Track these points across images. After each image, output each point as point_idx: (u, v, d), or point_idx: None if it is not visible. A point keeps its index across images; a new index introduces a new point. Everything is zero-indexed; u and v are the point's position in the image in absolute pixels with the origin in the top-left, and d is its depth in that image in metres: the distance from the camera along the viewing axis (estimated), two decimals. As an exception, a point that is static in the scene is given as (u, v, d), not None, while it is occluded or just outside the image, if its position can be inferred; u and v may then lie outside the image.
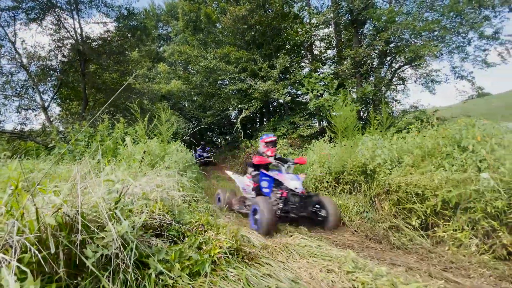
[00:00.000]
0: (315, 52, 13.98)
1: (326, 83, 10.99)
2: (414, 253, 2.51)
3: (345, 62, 11.08)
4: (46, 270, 0.85)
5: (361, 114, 12.28)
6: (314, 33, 13.07)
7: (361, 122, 11.44)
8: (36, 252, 0.79)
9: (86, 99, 10.13)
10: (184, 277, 1.33)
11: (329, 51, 14.47)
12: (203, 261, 1.41)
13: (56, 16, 9.28)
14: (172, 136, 7.61)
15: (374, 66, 12.76)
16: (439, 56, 12.65)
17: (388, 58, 13.39)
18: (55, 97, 10.18)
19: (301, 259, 2.07)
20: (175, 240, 1.80)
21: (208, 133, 23.44)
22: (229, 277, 1.41)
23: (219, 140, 23.69)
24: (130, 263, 1.18)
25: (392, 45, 12.34)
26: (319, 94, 10.46)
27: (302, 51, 13.61)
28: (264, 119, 16.49)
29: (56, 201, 1.04)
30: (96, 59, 9.77)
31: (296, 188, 3.53)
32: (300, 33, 11.88)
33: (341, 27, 13.12)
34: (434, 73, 13.62)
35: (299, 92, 13.33)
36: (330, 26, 13.34)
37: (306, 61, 13.67)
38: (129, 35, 11.12)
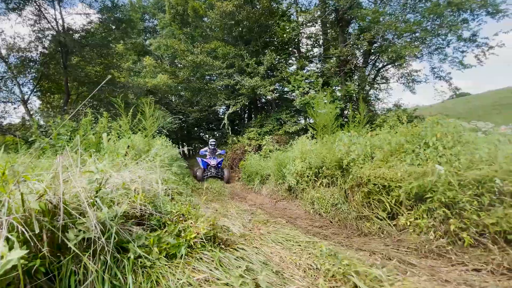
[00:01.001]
0: (302, 50, 14.19)
1: (312, 81, 11.23)
2: (380, 240, 2.73)
3: (331, 61, 11.34)
4: (32, 248, 0.95)
5: (345, 111, 12.63)
6: (301, 31, 13.26)
7: (345, 120, 11.82)
8: (23, 229, 0.89)
9: (68, 93, 9.87)
10: (162, 259, 1.45)
11: (315, 49, 14.72)
12: (179, 244, 1.54)
13: (37, 6, 8.95)
14: (157, 131, 7.61)
15: (358, 65, 13.13)
16: (420, 57, 13.18)
17: (372, 57, 13.82)
18: (35, 90, 9.85)
19: (275, 246, 2.23)
20: (156, 229, 1.91)
21: (195, 128, 23.29)
22: (203, 259, 1.54)
23: (207, 135, 23.61)
24: (110, 246, 1.29)
25: (376, 44, 12.74)
26: (304, 92, 10.67)
27: (289, 49, 13.77)
28: (252, 116, 16.60)
29: (39, 188, 1.13)
30: (78, 51, 9.51)
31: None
32: (287, 30, 12.02)
33: (327, 25, 13.37)
34: (415, 73, 14.21)
35: (286, 89, 13.52)
36: (316, 24, 13.58)
37: (293, 59, 13.85)
38: (113, 27, 10.87)
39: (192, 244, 1.64)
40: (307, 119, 12.78)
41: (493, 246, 2.06)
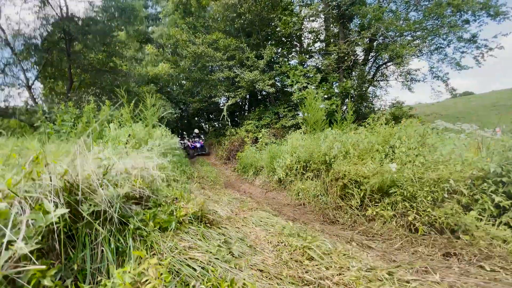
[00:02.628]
0: (303, 44, 14.28)
1: (311, 76, 11.42)
2: (350, 228, 3.09)
3: (330, 57, 11.50)
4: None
5: (344, 107, 12.86)
6: (303, 26, 13.34)
7: (343, 115, 12.07)
8: (56, 199, 1.21)
9: (71, 79, 10.11)
10: (156, 231, 1.79)
11: (317, 44, 14.81)
12: (171, 220, 1.88)
13: (40, -8, 9.08)
14: (158, 120, 7.90)
15: (358, 61, 13.27)
16: (419, 56, 13.31)
17: (373, 54, 13.94)
18: (39, 76, 10.09)
19: (255, 227, 2.59)
20: (152, 208, 2.25)
21: (196, 118, 23.54)
22: (190, 233, 1.89)
23: (206, 126, 23.86)
24: (115, 216, 1.63)
25: (376, 42, 12.85)
26: (302, 87, 10.88)
27: (291, 43, 13.88)
28: (252, 108, 16.83)
29: (61, 170, 1.45)
30: (82, 39, 9.69)
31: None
32: (289, 24, 12.12)
33: (331, 20, 13.42)
34: (414, 72, 14.36)
35: (285, 83, 13.70)
36: (319, 19, 13.63)
37: (294, 53, 13.97)
38: (116, 14, 10.99)
39: (182, 220, 1.98)
40: (305, 113, 13.04)
41: (440, 235, 2.41)
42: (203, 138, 14.77)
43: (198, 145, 13.03)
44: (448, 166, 2.44)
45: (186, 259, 1.48)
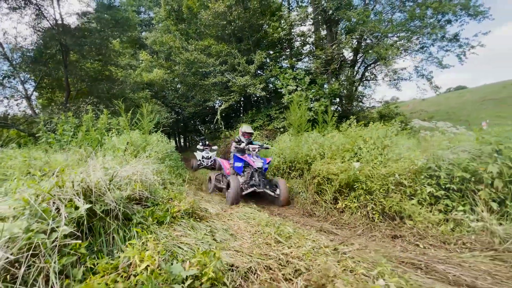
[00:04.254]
0: (292, 48, 14.77)
1: (299, 79, 11.90)
2: (324, 219, 3.56)
3: (317, 60, 11.99)
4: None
5: (332, 107, 13.35)
6: (292, 30, 13.84)
7: (333, 116, 12.57)
8: (78, 199, 1.65)
9: (69, 89, 10.47)
10: (154, 224, 2.24)
11: (306, 47, 15.32)
12: (166, 215, 2.32)
13: (37, 6, 9.45)
14: (154, 126, 8.29)
15: (345, 63, 13.79)
16: (403, 56, 13.87)
17: (360, 55, 14.48)
18: (37, 87, 10.44)
19: (239, 221, 3.04)
20: (150, 207, 2.69)
21: (192, 121, 23.95)
22: (182, 225, 2.34)
23: (202, 128, 24.25)
24: (120, 213, 2.07)
25: (363, 44, 13.39)
26: (291, 90, 11.35)
27: (280, 47, 14.36)
28: (246, 110, 17.27)
29: (78, 178, 1.89)
30: (77, 50, 10.07)
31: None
32: (278, 30, 12.59)
33: (320, 23, 13.92)
34: (400, 71, 14.95)
35: (276, 86, 14.17)
36: (307, 24, 14.13)
37: (284, 56, 14.46)
38: (110, 25, 11.36)
39: (175, 216, 2.42)
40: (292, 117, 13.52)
41: (392, 221, 2.88)
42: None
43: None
44: (398, 163, 2.91)
45: (177, 244, 1.92)
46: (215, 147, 10.96)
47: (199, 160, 10.11)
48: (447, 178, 2.54)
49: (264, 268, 1.71)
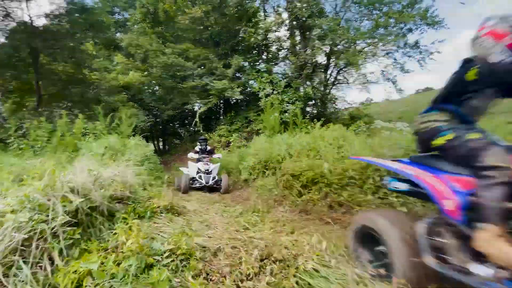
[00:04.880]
0: (269, 53, 15.35)
1: (275, 83, 12.46)
2: (292, 211, 4.01)
3: (292, 65, 12.63)
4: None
5: (307, 109, 14.06)
6: (268, 36, 14.39)
7: (307, 118, 13.24)
8: (71, 195, 1.93)
9: (40, 94, 10.18)
10: (135, 219, 2.53)
11: (282, 52, 15.96)
12: (146, 210, 2.62)
13: (3, 8, 9.14)
14: (132, 130, 8.33)
15: (318, 67, 14.59)
16: (370, 61, 14.94)
17: (333, 59, 15.38)
18: (4, 91, 10.03)
19: (215, 215, 3.39)
20: (131, 204, 2.96)
21: (170, 124, 23.71)
22: (161, 219, 2.65)
23: (182, 131, 24.06)
24: (105, 209, 2.35)
25: (335, 49, 14.26)
26: (268, 93, 11.85)
27: (258, 51, 14.85)
28: (225, 113, 17.54)
29: (67, 178, 2.15)
30: (49, 54, 9.84)
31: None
32: (254, 34, 13.07)
33: (294, 30, 14.61)
34: (369, 75, 16.05)
35: (253, 90, 14.62)
36: (283, 29, 14.76)
37: (260, 61, 14.98)
38: (84, 29, 11.19)
39: (155, 211, 2.73)
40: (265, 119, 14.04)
41: (346, 210, 3.39)
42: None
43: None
44: (352, 160, 3.43)
45: (157, 232, 2.25)
46: (218, 155, 7.73)
47: (192, 176, 6.54)
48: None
49: (231, 248, 2.09)
